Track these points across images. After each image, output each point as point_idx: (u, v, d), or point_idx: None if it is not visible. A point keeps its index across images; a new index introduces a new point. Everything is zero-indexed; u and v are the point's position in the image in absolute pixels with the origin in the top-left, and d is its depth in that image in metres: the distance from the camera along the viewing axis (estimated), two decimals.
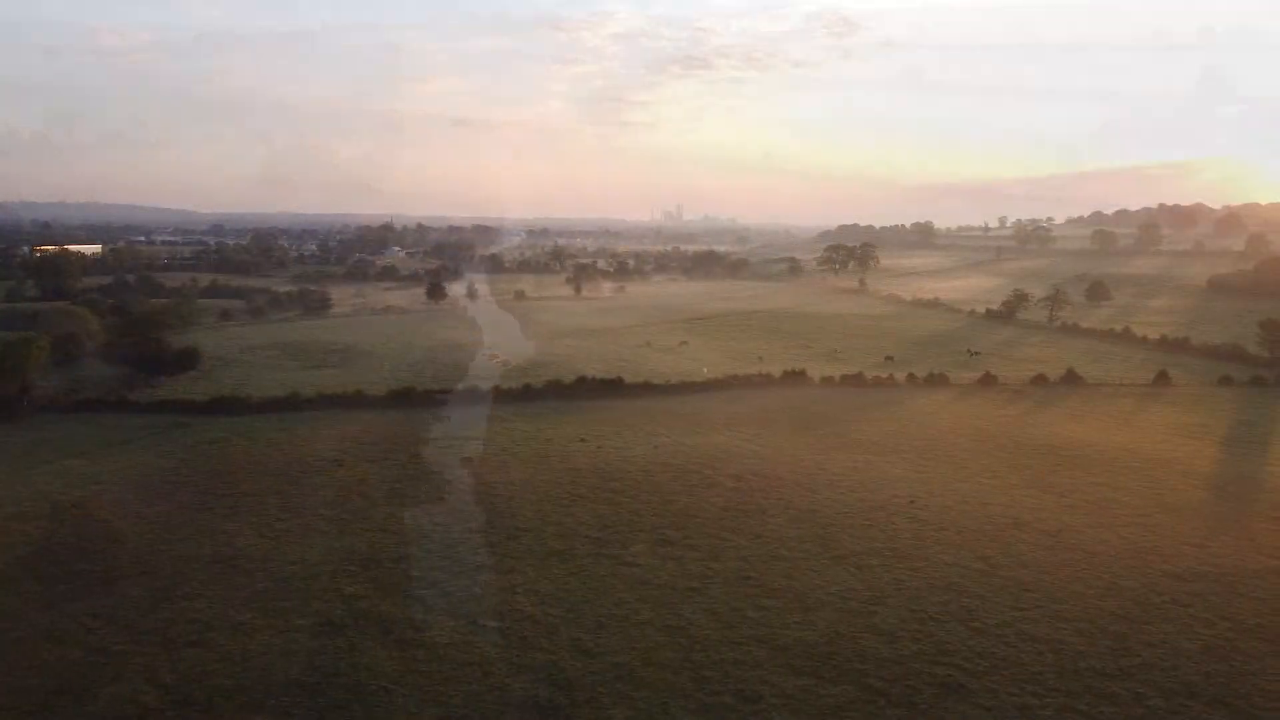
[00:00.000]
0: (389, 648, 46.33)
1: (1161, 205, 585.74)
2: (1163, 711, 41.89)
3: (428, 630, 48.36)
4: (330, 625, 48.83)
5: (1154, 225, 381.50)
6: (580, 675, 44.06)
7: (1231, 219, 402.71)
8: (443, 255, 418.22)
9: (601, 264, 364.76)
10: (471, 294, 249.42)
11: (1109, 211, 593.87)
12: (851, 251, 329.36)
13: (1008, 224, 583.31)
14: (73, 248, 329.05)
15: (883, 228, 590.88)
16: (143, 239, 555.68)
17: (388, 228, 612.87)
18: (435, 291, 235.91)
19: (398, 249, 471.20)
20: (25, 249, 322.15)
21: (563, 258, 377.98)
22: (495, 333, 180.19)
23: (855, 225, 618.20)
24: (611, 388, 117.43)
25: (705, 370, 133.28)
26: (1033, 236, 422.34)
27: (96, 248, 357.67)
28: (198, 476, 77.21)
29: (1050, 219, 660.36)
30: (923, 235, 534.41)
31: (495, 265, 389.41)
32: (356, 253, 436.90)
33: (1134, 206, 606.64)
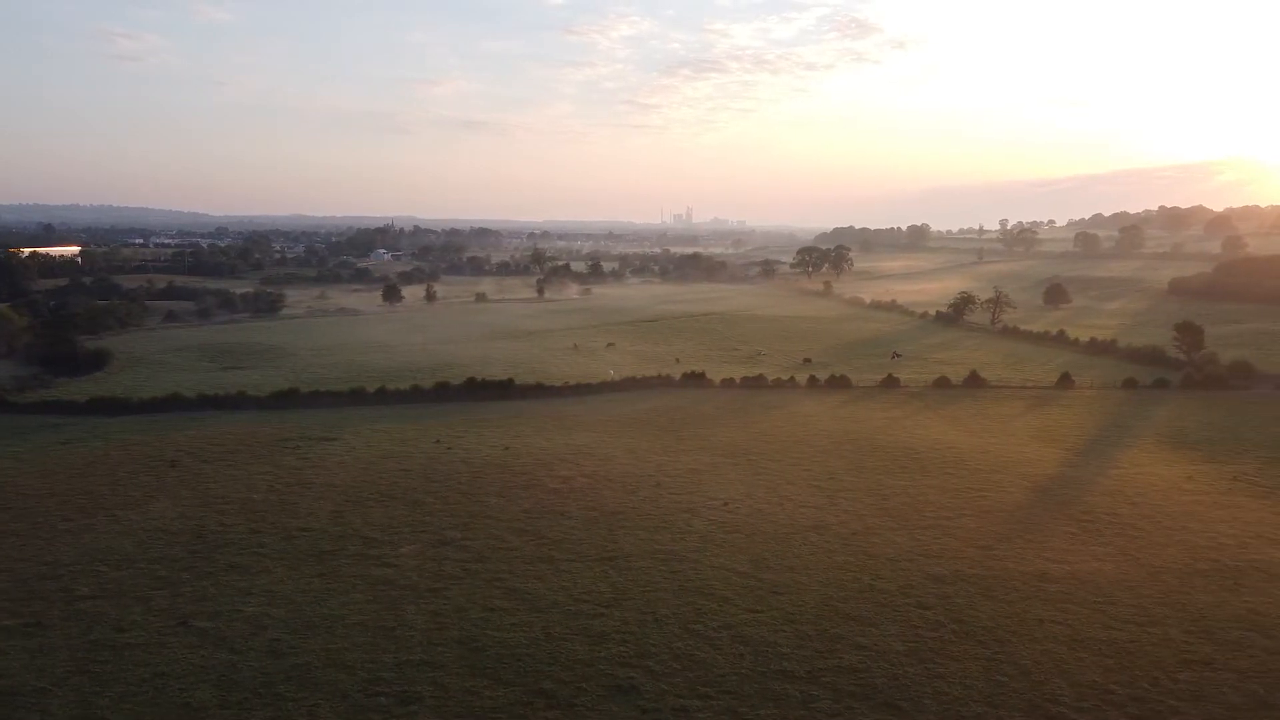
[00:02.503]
0: (76, 649, 46.10)
1: (1161, 207, 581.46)
2: (823, 714, 41.08)
3: (129, 631, 48.13)
4: (36, 626, 48.69)
5: (1135, 228, 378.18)
6: (252, 676, 43.69)
7: (1220, 221, 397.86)
8: (427, 258, 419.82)
9: (576, 266, 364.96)
10: (430, 296, 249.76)
11: (1108, 214, 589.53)
12: (825, 254, 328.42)
13: (1008, 227, 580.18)
14: (44, 250, 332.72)
15: (877, 230, 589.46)
16: (140, 241, 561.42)
17: (383, 230, 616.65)
18: (391, 294, 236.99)
19: (383, 251, 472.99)
20: None
21: (541, 260, 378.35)
22: (429, 334, 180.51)
23: (850, 228, 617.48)
24: (501, 389, 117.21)
25: (611, 373, 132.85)
26: (1018, 239, 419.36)
27: (73, 249, 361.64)
28: (23, 477, 77.47)
29: (1051, 221, 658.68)
30: (915, 238, 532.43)
31: (476, 268, 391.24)
32: (343, 255, 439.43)
33: (1140, 209, 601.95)
